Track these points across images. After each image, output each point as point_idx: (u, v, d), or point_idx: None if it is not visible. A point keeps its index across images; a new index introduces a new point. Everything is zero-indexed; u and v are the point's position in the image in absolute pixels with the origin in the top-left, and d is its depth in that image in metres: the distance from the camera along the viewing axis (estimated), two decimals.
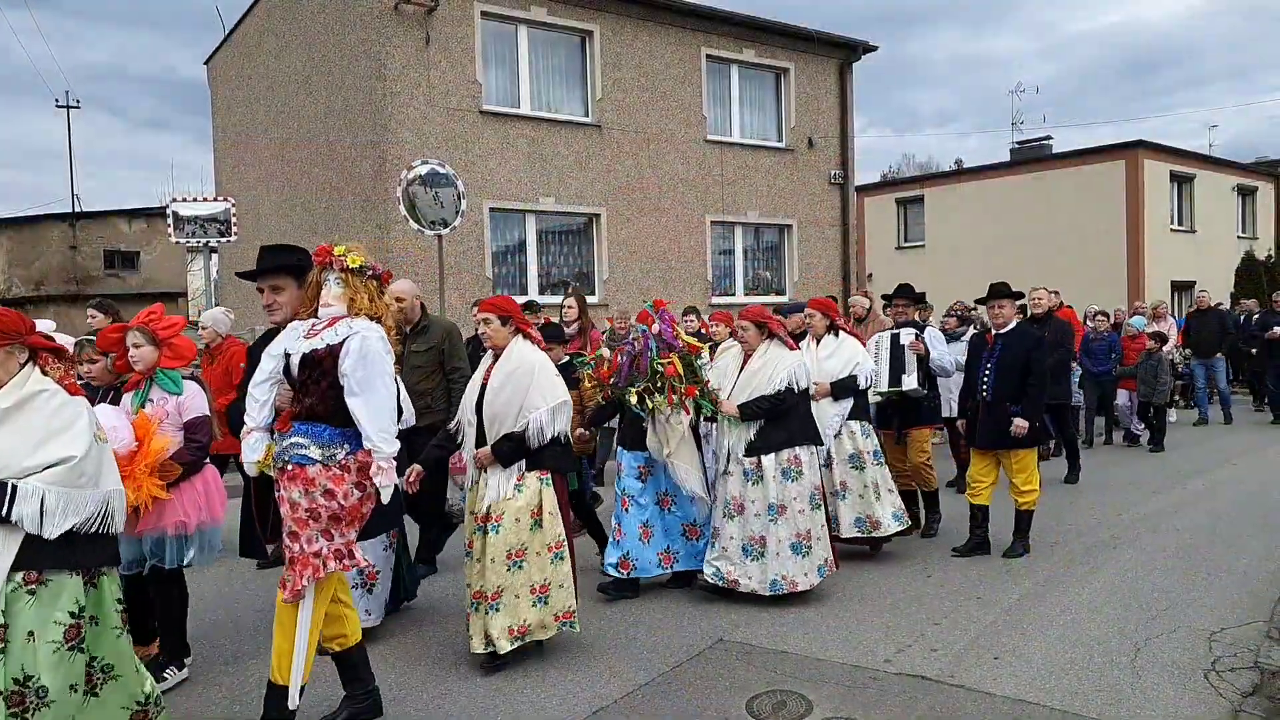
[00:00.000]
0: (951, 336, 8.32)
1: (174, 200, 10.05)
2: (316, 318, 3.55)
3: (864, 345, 6.39)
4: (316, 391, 3.45)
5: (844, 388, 5.96)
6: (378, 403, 3.41)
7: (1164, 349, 12.16)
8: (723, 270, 16.13)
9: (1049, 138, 27.11)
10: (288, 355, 3.52)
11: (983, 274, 23.22)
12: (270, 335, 3.75)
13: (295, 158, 15.21)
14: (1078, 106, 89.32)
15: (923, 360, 6.64)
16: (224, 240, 10.16)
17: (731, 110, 16.00)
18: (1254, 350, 13.53)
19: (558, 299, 13.78)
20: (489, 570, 4.19)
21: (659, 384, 5.07)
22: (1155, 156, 23.37)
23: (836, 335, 6.13)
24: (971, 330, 8.69)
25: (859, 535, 6.05)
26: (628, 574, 5.35)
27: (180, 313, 14.48)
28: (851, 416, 6.01)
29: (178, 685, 4.20)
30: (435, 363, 5.77)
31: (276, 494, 3.49)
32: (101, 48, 75.77)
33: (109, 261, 25.36)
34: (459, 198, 10.28)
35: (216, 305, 12.34)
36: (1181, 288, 23.39)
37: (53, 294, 23.98)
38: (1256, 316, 13.89)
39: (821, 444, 5.55)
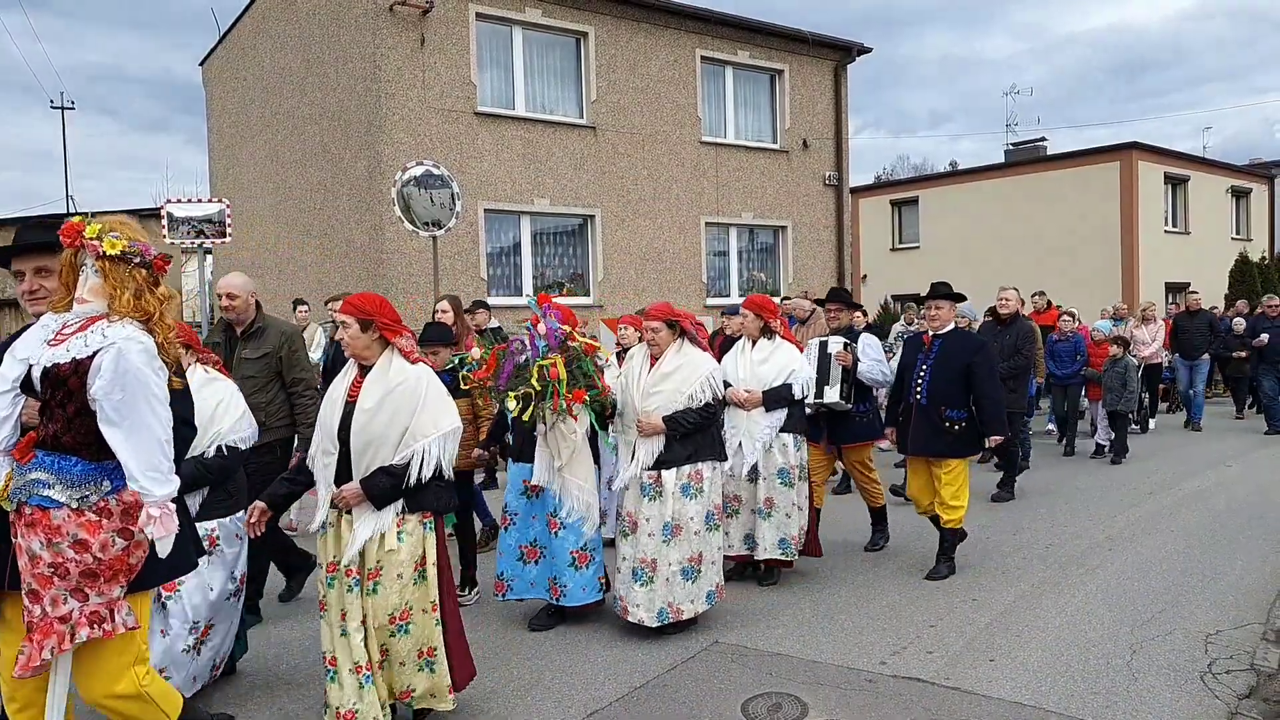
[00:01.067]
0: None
1: (169, 201, 10.01)
2: (69, 313, 2.77)
3: (801, 350, 5.92)
4: (61, 417, 2.68)
5: (777, 397, 5.42)
6: (143, 434, 2.64)
7: (1133, 353, 11.89)
8: (718, 272, 16.13)
9: (1043, 139, 27.20)
10: (30, 363, 2.72)
11: (978, 275, 23.34)
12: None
13: (290, 158, 15.17)
14: (1071, 108, 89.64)
15: (849, 372, 6.17)
16: (219, 241, 10.13)
17: (726, 112, 16.00)
18: (1243, 355, 13.28)
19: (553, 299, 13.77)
20: (370, 639, 3.46)
21: (543, 388, 4.50)
22: (1149, 158, 23.43)
23: (772, 339, 5.61)
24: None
25: (746, 554, 5.59)
26: (502, 596, 4.93)
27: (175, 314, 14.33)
28: (785, 429, 5.47)
29: None
30: (271, 372, 5.14)
31: (13, 540, 2.72)
32: (98, 49, 75.63)
33: None
34: (454, 199, 10.27)
35: (210, 307, 12.30)
36: (1176, 289, 23.43)
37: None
38: (1242, 322, 13.56)
39: (725, 459, 5.11)
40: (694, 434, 4.77)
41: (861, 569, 6.01)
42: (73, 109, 31.94)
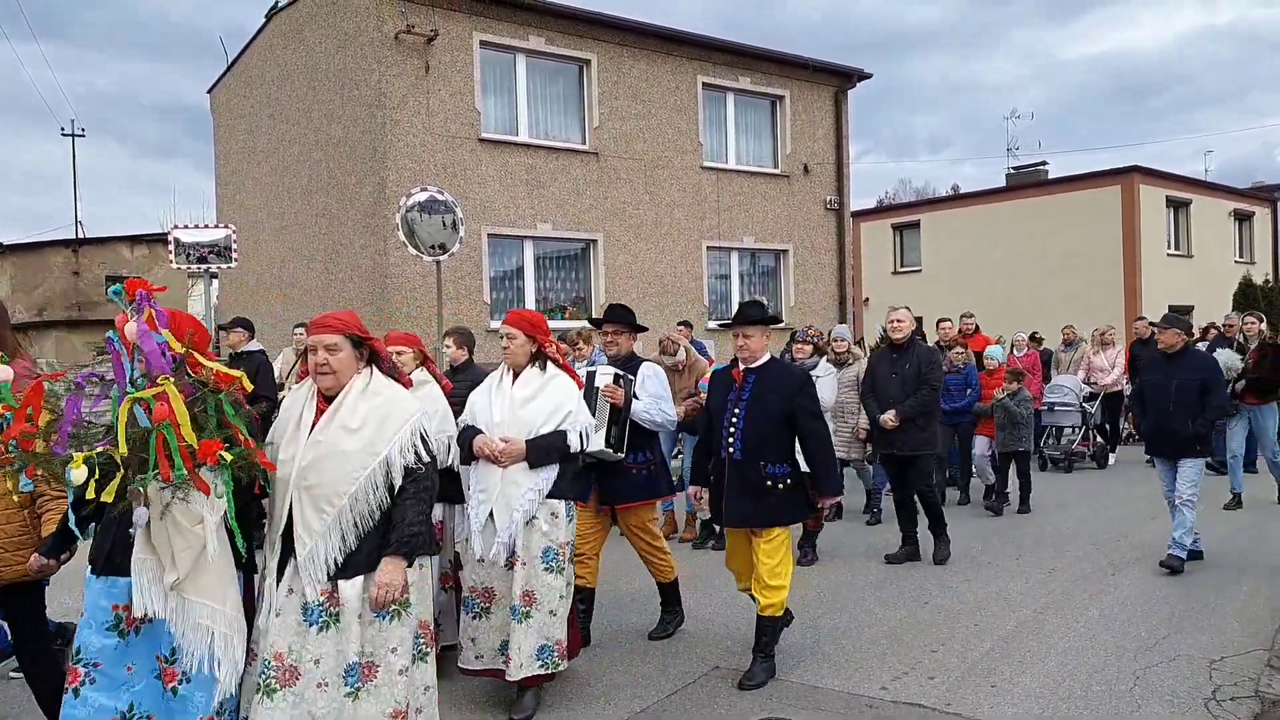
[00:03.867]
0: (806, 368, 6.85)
1: (175, 227, 10.10)
2: None
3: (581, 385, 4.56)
4: None
5: (546, 449, 4.02)
6: None
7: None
8: (719, 295, 16.18)
9: (1044, 163, 27.36)
10: None
11: (981, 299, 23.38)
12: None
13: (295, 184, 15.31)
14: (1072, 132, 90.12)
15: (619, 411, 4.73)
16: (225, 266, 10.20)
17: (727, 137, 16.13)
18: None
19: (556, 323, 13.83)
20: None
21: (137, 444, 2.69)
22: (1151, 182, 23.54)
23: (544, 369, 4.20)
24: (823, 361, 7.51)
25: (498, 669, 4.05)
26: None
27: None
28: (555, 493, 4.05)
29: None
30: None
31: None
32: (111, 76, 76.68)
33: (111, 286, 25.47)
34: (457, 224, 10.35)
35: (218, 329, 12.36)
36: (1180, 313, 23.45)
37: (55, 319, 24.02)
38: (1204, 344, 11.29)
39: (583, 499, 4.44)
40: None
41: (861, 594, 5.99)
42: (83, 136, 32.27)
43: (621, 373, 4.82)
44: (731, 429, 4.50)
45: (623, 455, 4.74)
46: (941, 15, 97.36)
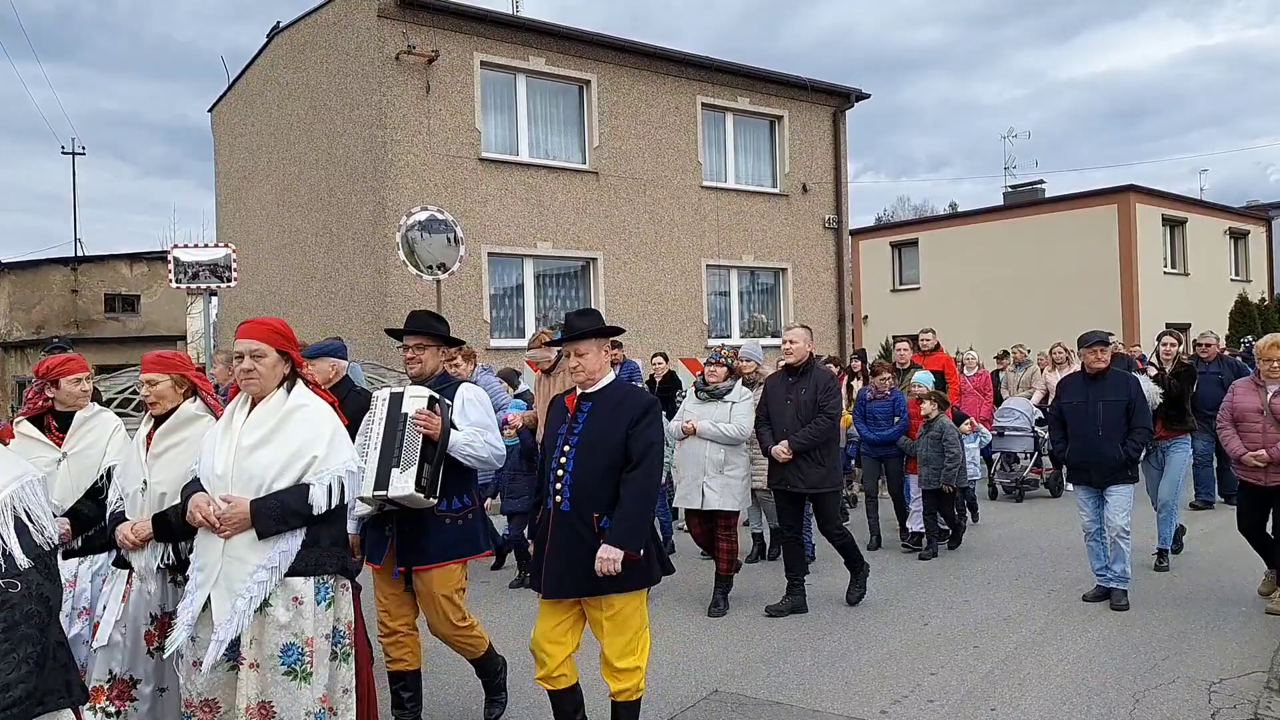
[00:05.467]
0: (712, 394, 6.13)
1: (175, 246, 10.15)
2: None
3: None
4: None
5: (279, 512, 2.93)
6: None
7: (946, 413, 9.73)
8: (719, 313, 16.24)
9: (1041, 182, 27.54)
10: None
11: (979, 316, 23.46)
12: None
13: (295, 203, 15.38)
14: (1068, 151, 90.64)
15: (432, 445, 3.76)
16: (224, 285, 10.24)
17: (727, 156, 16.23)
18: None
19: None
20: None
21: None
22: (1147, 201, 23.67)
23: (291, 389, 3.13)
24: (739, 385, 6.35)
25: None
26: None
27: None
28: (301, 569, 2.98)
29: None
30: None
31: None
32: (117, 96, 77.22)
33: (109, 305, 25.47)
34: (457, 243, 10.41)
35: (215, 347, 12.38)
36: (1177, 329, 23.51)
37: (54, 335, 24.05)
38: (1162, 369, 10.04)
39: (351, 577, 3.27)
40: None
41: (861, 616, 5.98)
42: (83, 154, 32.40)
43: (438, 396, 3.87)
44: (560, 470, 3.56)
45: (435, 501, 3.79)
46: (939, 37, 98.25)
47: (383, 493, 3.69)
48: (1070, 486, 8.42)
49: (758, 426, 6.13)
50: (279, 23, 15.85)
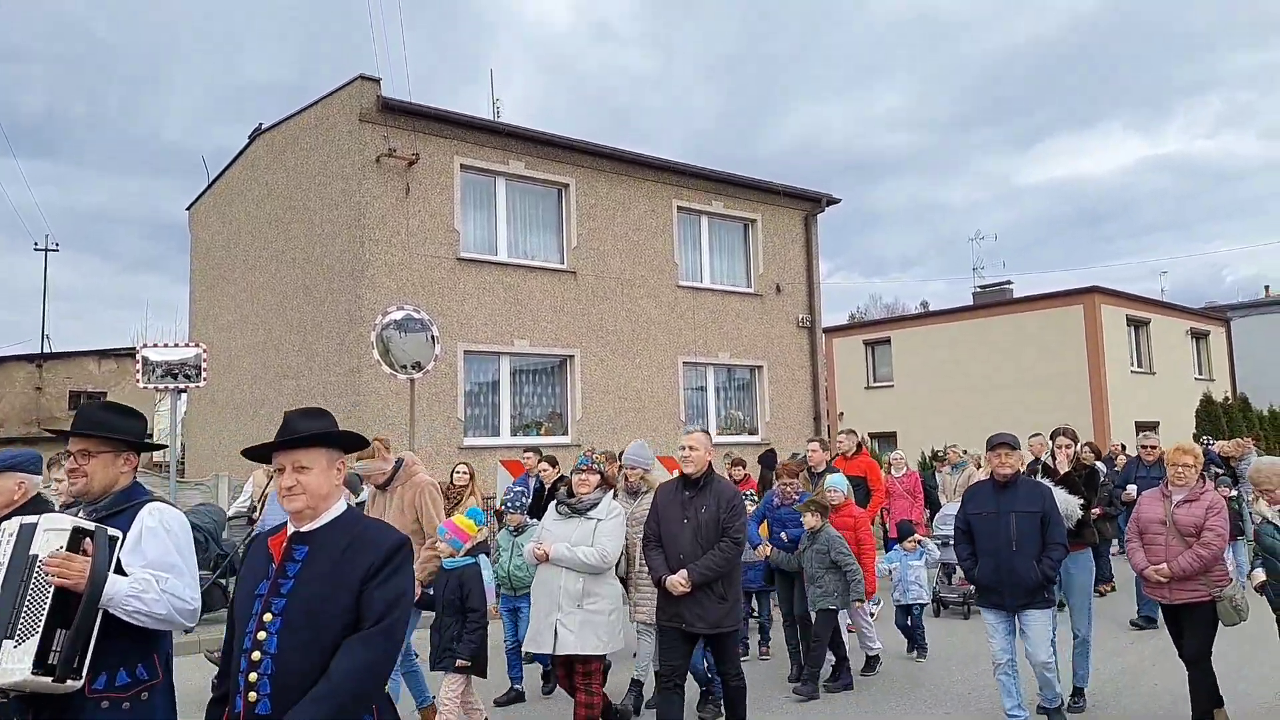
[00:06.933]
0: (574, 509, 5.13)
1: (144, 345, 10.00)
2: None
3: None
4: None
5: None
6: None
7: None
8: (696, 410, 16.20)
9: (1009, 282, 28.24)
10: None
11: (952, 414, 23.62)
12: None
13: (271, 301, 15.33)
14: (1034, 252, 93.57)
15: (70, 602, 2.62)
16: (194, 385, 10.07)
17: (702, 257, 16.51)
18: (1098, 512, 7.25)
19: (530, 439, 13.73)
20: None
21: None
22: (1111, 301, 24.29)
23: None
24: (607, 498, 5.26)
25: None
26: None
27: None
28: None
29: None
30: None
31: None
32: (96, 191, 77.93)
33: (74, 401, 25.02)
34: (433, 342, 10.35)
35: (181, 446, 12.11)
36: (1146, 428, 23.77)
37: (12, 436, 23.47)
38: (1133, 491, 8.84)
39: None
40: None
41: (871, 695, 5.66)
42: (56, 250, 32.38)
43: (94, 527, 2.73)
44: (255, 650, 2.37)
45: (78, 684, 2.62)
46: (907, 143, 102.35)
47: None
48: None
49: (647, 549, 5.14)
50: (261, 124, 16.13)
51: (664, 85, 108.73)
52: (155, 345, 9.96)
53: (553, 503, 5.35)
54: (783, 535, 7.05)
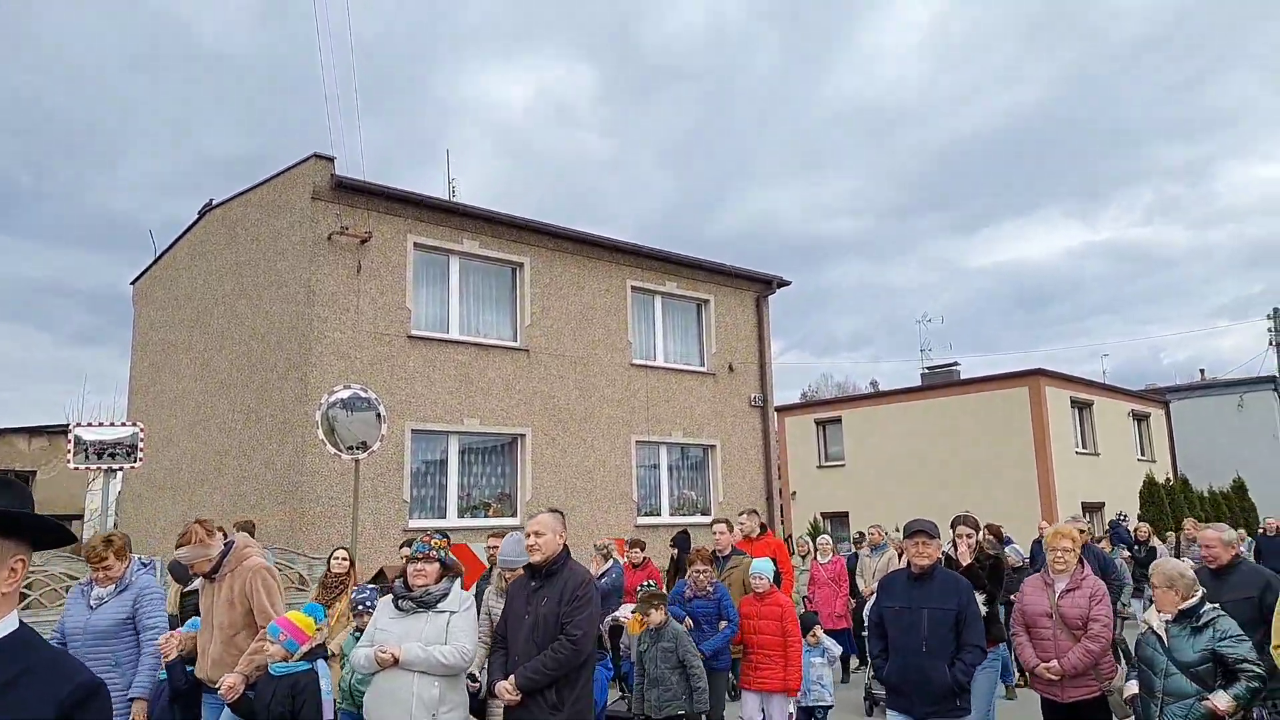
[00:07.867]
0: (420, 603, 4.35)
1: (77, 424, 9.65)
2: None
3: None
4: None
5: None
6: None
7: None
8: (649, 489, 16.04)
9: (956, 364, 28.80)
10: None
11: (903, 493, 23.73)
12: None
13: (214, 378, 14.99)
14: (980, 333, 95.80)
15: None
16: (129, 465, 9.70)
17: (656, 337, 16.61)
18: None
19: (477, 520, 13.43)
20: None
21: None
22: (1055, 383, 24.87)
23: None
24: (456, 587, 4.52)
25: None
26: None
27: (76, 534, 13.46)
28: None
29: None
30: None
31: None
32: (46, 265, 76.29)
33: None
34: (380, 420, 10.15)
35: (114, 526, 11.55)
36: (1092, 509, 24.13)
37: None
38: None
39: None
40: None
41: None
42: None
43: None
44: None
45: None
46: (856, 227, 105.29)
47: None
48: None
49: (491, 651, 4.60)
50: (211, 200, 16.03)
51: (621, 168, 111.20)
52: (89, 424, 9.62)
53: (384, 598, 4.59)
54: (692, 630, 6.33)
